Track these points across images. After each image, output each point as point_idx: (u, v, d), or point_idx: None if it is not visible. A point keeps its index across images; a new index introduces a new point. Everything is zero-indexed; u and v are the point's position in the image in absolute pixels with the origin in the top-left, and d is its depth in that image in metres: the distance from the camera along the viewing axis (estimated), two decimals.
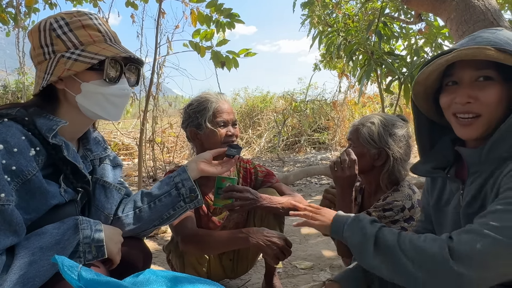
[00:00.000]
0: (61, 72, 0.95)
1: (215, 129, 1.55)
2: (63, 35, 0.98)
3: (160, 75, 4.44)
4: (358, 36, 4.15)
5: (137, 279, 0.85)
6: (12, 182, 0.86)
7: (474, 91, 0.87)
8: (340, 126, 7.86)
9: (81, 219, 0.97)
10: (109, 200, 1.13)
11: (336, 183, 1.38)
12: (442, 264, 0.77)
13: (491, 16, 1.94)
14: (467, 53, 0.84)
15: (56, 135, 0.96)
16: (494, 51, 0.82)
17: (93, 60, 0.96)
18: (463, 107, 0.88)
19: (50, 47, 0.98)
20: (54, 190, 0.95)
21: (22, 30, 4.42)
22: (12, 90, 7.70)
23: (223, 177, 1.47)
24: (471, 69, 0.87)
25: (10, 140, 0.87)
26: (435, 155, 1.07)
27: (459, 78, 0.90)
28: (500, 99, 0.85)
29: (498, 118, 0.87)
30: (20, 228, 0.86)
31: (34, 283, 0.85)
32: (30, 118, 0.95)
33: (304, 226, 1.11)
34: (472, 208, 0.91)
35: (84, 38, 0.99)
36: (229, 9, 2.98)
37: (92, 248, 0.95)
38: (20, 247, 0.86)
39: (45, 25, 0.99)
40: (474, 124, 0.88)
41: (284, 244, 1.41)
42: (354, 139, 1.46)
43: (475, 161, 0.92)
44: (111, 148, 1.30)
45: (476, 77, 0.87)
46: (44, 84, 0.97)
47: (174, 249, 1.66)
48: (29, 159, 0.89)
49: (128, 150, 6.72)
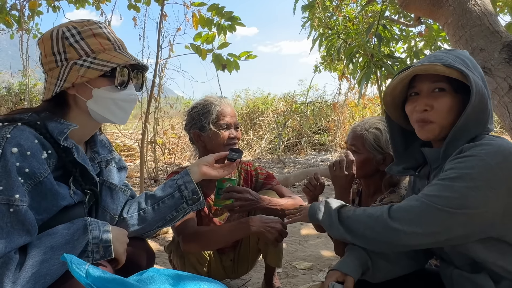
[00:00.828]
0: (74, 79, 1.00)
1: (218, 131, 1.58)
2: (76, 43, 1.02)
3: (162, 77, 4.48)
4: (358, 38, 4.17)
5: (141, 277, 0.89)
6: (25, 184, 0.90)
7: (430, 100, 1.03)
8: (340, 127, 7.89)
9: (89, 220, 1.01)
10: (115, 201, 1.17)
11: (335, 183, 1.42)
12: (382, 222, 0.97)
13: (487, 21, 1.97)
14: (420, 68, 1.02)
15: (67, 138, 1.01)
16: (443, 67, 0.99)
17: (105, 67, 1.01)
18: (421, 114, 1.05)
19: (63, 54, 1.02)
20: (64, 192, 0.99)
21: (26, 32, 4.47)
22: (16, 92, 7.75)
23: (224, 178, 1.51)
24: (429, 81, 1.04)
25: (24, 143, 0.91)
26: (407, 157, 1.24)
27: (419, 90, 1.07)
28: (451, 106, 1.02)
29: (450, 123, 1.03)
30: (32, 228, 0.89)
31: (45, 281, 0.89)
32: (42, 122, 0.99)
33: (293, 222, 1.29)
34: None
35: (95, 46, 1.03)
36: (230, 12, 3.02)
37: (100, 248, 0.99)
38: (32, 247, 0.90)
39: (57, 33, 1.03)
40: (429, 126, 1.05)
41: (281, 227, 1.49)
42: (359, 145, 1.47)
43: (435, 158, 1.08)
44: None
45: (432, 88, 1.04)
46: (57, 90, 1.00)
47: (175, 249, 1.69)
48: (41, 162, 0.93)
49: (129, 151, 6.76)
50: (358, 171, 1.47)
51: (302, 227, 3.01)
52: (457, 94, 1.03)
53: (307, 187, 1.54)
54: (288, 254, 2.43)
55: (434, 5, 2.17)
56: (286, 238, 2.72)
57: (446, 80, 1.02)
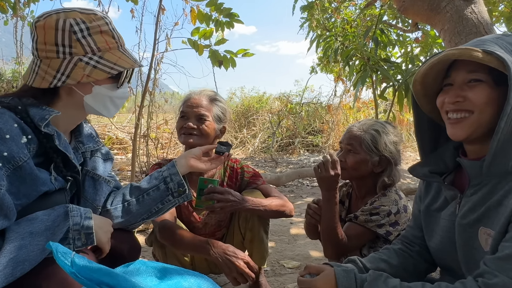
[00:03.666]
0: (80, 77, 0.99)
1: (179, 118, 1.66)
2: (83, 39, 1.01)
3: (158, 71, 4.45)
4: (356, 41, 4.19)
5: (127, 269, 0.88)
6: (4, 168, 0.88)
7: (463, 91, 0.89)
8: (334, 129, 7.92)
9: (71, 207, 0.99)
10: (98, 192, 1.16)
11: (321, 185, 1.40)
12: None
13: (483, 30, 2.00)
14: (454, 53, 0.86)
15: (49, 125, 0.99)
16: (481, 53, 0.83)
17: (112, 70, 1.03)
18: (453, 105, 0.90)
19: (68, 48, 0.99)
20: (45, 177, 0.97)
21: (21, 19, 4.40)
22: (8, 79, 7.63)
23: (205, 179, 1.49)
24: (464, 71, 0.90)
25: (3, 126, 0.89)
26: (435, 159, 1.07)
27: (453, 80, 0.93)
28: (488, 100, 0.86)
29: (487, 121, 0.88)
30: (10, 212, 0.88)
31: (24, 267, 0.87)
32: (23, 107, 0.97)
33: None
34: (467, 219, 0.93)
35: (101, 44, 1.03)
36: (229, 9, 3.01)
37: (81, 235, 0.98)
38: (11, 231, 0.88)
39: (64, 25, 0.99)
40: (462, 123, 0.90)
41: (244, 268, 1.37)
42: (356, 146, 1.46)
43: (476, 173, 0.92)
44: (105, 142, 1.34)
45: (468, 79, 0.89)
46: (59, 84, 0.99)
47: (155, 240, 1.65)
48: (20, 146, 0.91)
49: (121, 144, 6.70)
50: (353, 171, 1.48)
51: (291, 226, 3.02)
52: (499, 88, 0.86)
53: (313, 217, 1.51)
54: (276, 252, 2.44)
55: (432, 11, 2.19)
56: (275, 237, 2.74)
57: (487, 71, 0.87)
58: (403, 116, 6.81)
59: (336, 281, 0.93)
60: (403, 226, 1.42)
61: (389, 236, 1.40)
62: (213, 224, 1.72)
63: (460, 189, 0.99)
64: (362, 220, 1.42)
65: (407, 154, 7.00)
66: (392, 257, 1.13)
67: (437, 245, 1.05)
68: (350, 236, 1.42)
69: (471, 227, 0.92)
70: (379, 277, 0.93)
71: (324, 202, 1.41)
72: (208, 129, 1.61)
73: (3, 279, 0.84)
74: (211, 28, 3.06)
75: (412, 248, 1.16)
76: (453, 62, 0.93)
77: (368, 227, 1.42)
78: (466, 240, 0.93)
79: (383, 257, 1.13)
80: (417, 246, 1.15)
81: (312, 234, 1.63)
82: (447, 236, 1.00)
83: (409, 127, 7.91)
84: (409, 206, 1.48)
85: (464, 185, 0.99)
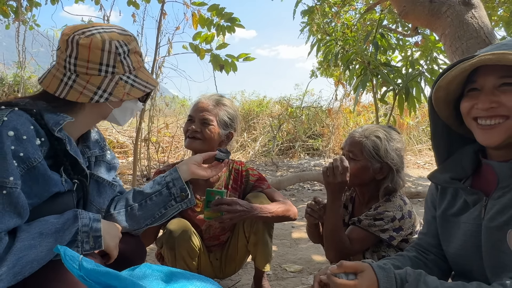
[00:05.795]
0: (122, 95, 1.06)
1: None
2: (124, 60, 1.06)
3: (159, 75, 4.47)
4: (356, 45, 4.21)
5: (133, 272, 0.88)
6: (19, 168, 0.90)
7: (496, 97, 0.86)
8: (334, 133, 7.93)
9: (80, 211, 1.02)
10: (102, 195, 1.17)
11: (327, 189, 1.41)
12: None
13: (483, 34, 2.01)
14: (490, 58, 0.83)
15: (61, 130, 1.01)
16: None
17: (146, 88, 1.11)
18: (487, 112, 0.87)
19: (111, 68, 1.04)
20: (56, 179, 0.99)
21: (22, 24, 4.42)
22: (9, 83, 7.65)
23: (212, 190, 1.51)
24: (494, 76, 0.87)
25: (20, 128, 0.92)
26: (453, 165, 1.05)
27: (481, 85, 0.89)
28: None
29: None
30: (24, 211, 0.90)
31: (32, 266, 0.89)
32: (38, 110, 0.99)
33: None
34: (496, 222, 0.91)
35: (135, 63, 1.10)
36: (230, 13, 3.03)
37: (90, 238, 1.00)
38: (22, 231, 0.90)
39: (110, 47, 1.03)
40: (497, 129, 0.87)
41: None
42: (357, 152, 1.45)
43: (506, 175, 0.90)
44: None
45: (498, 84, 0.87)
46: (101, 100, 1.04)
47: (166, 241, 1.67)
48: (35, 147, 0.94)
49: (122, 148, 6.71)
50: (354, 178, 1.44)
51: (293, 230, 3.02)
52: None
53: (312, 215, 1.51)
54: (278, 256, 2.44)
55: (433, 16, 2.21)
56: (277, 241, 2.75)
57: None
58: (403, 120, 6.83)
59: (378, 283, 0.87)
60: (407, 231, 1.41)
61: (392, 241, 1.40)
62: (217, 227, 1.73)
63: (485, 192, 0.97)
64: (365, 224, 1.42)
65: (408, 158, 7.01)
66: (406, 264, 1.08)
67: (457, 250, 1.02)
68: (353, 239, 1.42)
69: (499, 230, 0.89)
70: (419, 277, 0.88)
71: (329, 204, 1.41)
72: (211, 133, 1.61)
73: (12, 277, 0.86)
74: (213, 32, 3.09)
75: (427, 257, 1.13)
76: (479, 67, 0.89)
77: (372, 231, 1.41)
78: (494, 243, 0.91)
79: (397, 263, 1.09)
80: (432, 255, 1.13)
81: (315, 237, 1.63)
82: (471, 241, 0.98)
83: (409, 130, 7.92)
84: (414, 211, 1.48)
85: (484, 189, 0.97)
